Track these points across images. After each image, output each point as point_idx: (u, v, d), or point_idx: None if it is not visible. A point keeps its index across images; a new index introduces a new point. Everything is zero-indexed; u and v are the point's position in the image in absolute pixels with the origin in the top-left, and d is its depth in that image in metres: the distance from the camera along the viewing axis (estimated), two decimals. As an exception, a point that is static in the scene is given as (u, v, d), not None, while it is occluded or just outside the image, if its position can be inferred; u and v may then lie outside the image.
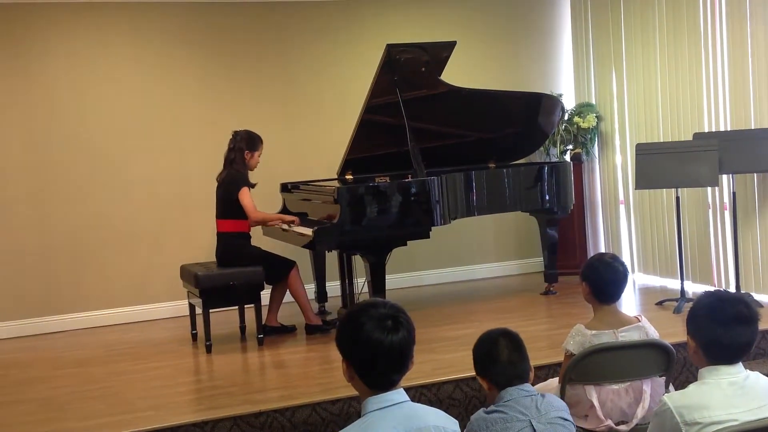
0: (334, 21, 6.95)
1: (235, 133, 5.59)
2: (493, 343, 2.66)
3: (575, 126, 7.08)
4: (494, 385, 2.61)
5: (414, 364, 2.21)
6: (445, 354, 4.73)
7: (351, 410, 4.04)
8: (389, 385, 2.15)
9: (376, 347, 2.11)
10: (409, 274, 7.08)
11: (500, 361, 2.61)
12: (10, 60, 6.20)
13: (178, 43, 6.59)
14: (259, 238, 5.97)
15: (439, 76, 5.91)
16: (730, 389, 2.40)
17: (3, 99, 6.20)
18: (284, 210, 6.23)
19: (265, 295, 5.50)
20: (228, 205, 5.48)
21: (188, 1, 6.58)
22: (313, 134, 6.89)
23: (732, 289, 5.64)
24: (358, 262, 5.74)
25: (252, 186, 5.50)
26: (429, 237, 5.54)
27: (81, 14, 6.34)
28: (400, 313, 2.16)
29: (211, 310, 5.27)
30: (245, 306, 5.60)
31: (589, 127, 7.07)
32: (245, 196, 5.42)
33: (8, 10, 6.15)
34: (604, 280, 3.25)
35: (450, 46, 5.84)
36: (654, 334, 3.26)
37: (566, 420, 2.56)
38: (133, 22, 6.48)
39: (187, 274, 5.50)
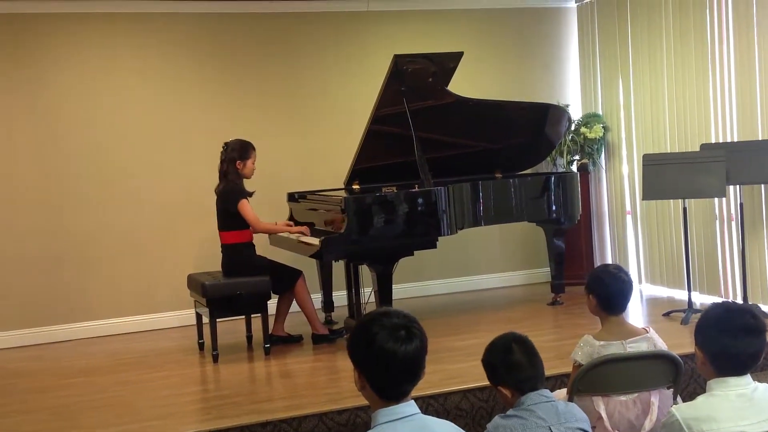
0: (342, 32, 6.98)
1: (225, 145, 5.56)
2: (508, 350, 2.64)
3: (582, 136, 7.09)
4: (518, 392, 2.59)
5: (425, 374, 2.21)
6: (452, 364, 4.72)
7: (358, 420, 4.04)
8: (401, 395, 2.15)
9: (389, 357, 2.10)
10: (416, 283, 7.08)
11: (522, 366, 2.60)
12: (19, 69, 6.23)
13: (186, 53, 6.63)
14: (265, 248, 5.99)
15: (446, 86, 5.92)
16: (739, 401, 2.39)
17: (12, 108, 6.24)
18: (291, 219, 6.23)
19: (272, 304, 5.50)
20: (228, 217, 5.47)
21: (196, 12, 6.61)
22: (320, 144, 6.91)
23: (739, 300, 5.63)
24: (365, 272, 5.74)
25: (250, 195, 5.50)
26: (436, 247, 5.54)
27: (89, 25, 6.38)
28: (412, 322, 2.16)
29: (217, 320, 5.28)
30: (252, 315, 5.60)
31: (595, 138, 7.07)
32: (245, 208, 5.41)
33: (17, 21, 6.19)
34: (611, 292, 3.25)
35: (457, 56, 5.85)
36: (662, 345, 3.25)
37: None
38: (141, 33, 6.51)
39: (194, 283, 5.51)
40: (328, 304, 6.35)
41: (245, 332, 5.74)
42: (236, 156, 5.49)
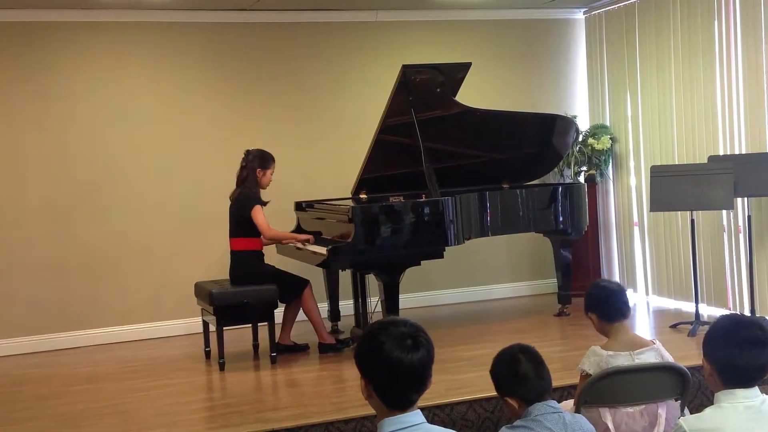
0: (350, 42, 7.01)
1: (247, 152, 5.63)
2: (514, 360, 2.64)
3: (589, 147, 7.09)
4: (525, 402, 2.59)
5: (431, 383, 2.21)
6: (458, 374, 4.72)
7: (364, 430, 4.04)
8: (408, 404, 2.15)
9: (396, 366, 2.10)
10: (423, 293, 7.07)
11: (529, 377, 2.60)
12: (30, 78, 6.27)
13: (195, 63, 6.66)
14: (273, 257, 6.00)
15: (454, 97, 5.93)
16: (747, 413, 2.38)
17: (22, 116, 6.27)
18: (298, 228, 6.25)
19: (279, 313, 5.51)
20: (241, 223, 5.51)
21: (204, 22, 6.64)
22: (327, 153, 6.92)
23: (747, 313, 5.61)
24: (372, 282, 5.74)
25: (264, 204, 5.54)
26: (443, 257, 5.54)
27: (99, 34, 6.42)
28: (419, 332, 2.16)
29: (224, 328, 5.29)
30: (258, 324, 5.60)
31: (603, 149, 7.07)
32: (258, 214, 5.44)
33: (28, 29, 6.23)
34: (603, 298, 3.28)
35: (465, 67, 5.87)
36: (668, 357, 3.25)
37: None
38: (151, 42, 6.55)
39: (202, 291, 5.52)
40: (334, 314, 6.35)
41: (252, 341, 5.74)
42: (257, 165, 5.56)
